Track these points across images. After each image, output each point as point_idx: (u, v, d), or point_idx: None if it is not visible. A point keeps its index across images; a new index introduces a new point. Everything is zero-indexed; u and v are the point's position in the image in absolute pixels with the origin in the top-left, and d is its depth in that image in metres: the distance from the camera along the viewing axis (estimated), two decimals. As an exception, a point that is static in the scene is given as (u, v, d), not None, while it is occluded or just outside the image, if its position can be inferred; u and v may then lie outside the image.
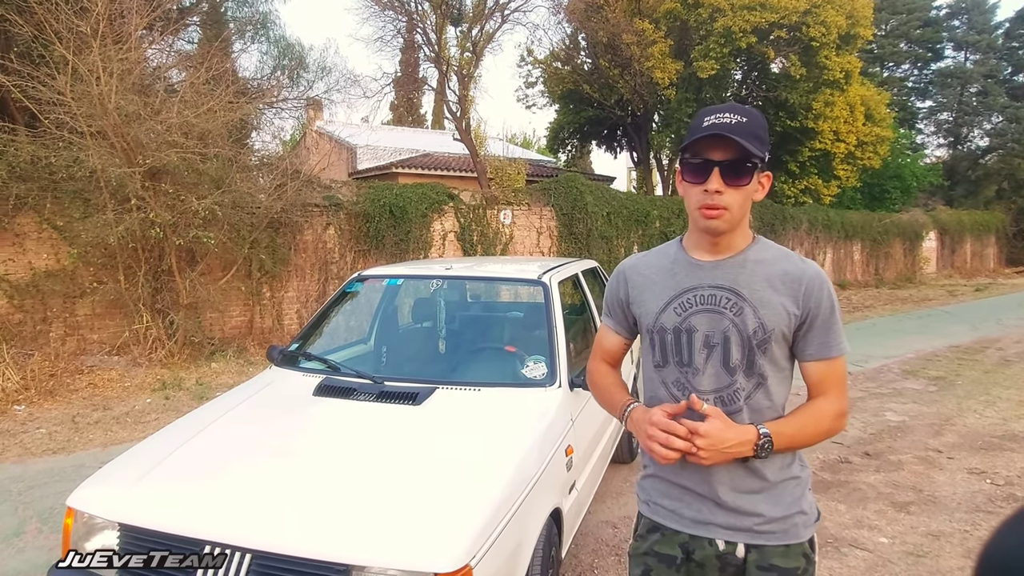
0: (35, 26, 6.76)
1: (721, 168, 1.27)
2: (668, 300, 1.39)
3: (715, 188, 1.27)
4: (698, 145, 1.29)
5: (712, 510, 1.35)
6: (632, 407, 1.43)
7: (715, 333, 1.34)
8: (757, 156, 1.27)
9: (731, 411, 1.32)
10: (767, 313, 1.31)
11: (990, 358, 8.05)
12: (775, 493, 1.34)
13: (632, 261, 1.53)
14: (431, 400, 2.44)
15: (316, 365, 2.90)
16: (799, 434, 1.31)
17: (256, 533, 1.75)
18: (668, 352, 1.39)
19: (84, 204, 6.96)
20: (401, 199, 9.72)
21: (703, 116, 1.31)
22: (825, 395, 1.34)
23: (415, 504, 1.82)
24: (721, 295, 1.34)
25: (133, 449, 2.31)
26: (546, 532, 2.14)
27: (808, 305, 1.31)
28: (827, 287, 1.32)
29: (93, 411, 5.60)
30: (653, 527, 1.45)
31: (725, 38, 13.66)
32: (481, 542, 1.74)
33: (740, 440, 1.25)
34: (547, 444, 2.30)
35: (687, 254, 1.41)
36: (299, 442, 2.25)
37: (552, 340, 2.76)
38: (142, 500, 1.95)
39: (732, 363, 1.33)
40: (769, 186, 1.37)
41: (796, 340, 1.34)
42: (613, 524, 3.46)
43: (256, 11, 12.43)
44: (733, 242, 1.36)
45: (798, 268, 1.33)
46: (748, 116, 1.29)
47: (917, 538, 3.27)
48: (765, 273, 1.33)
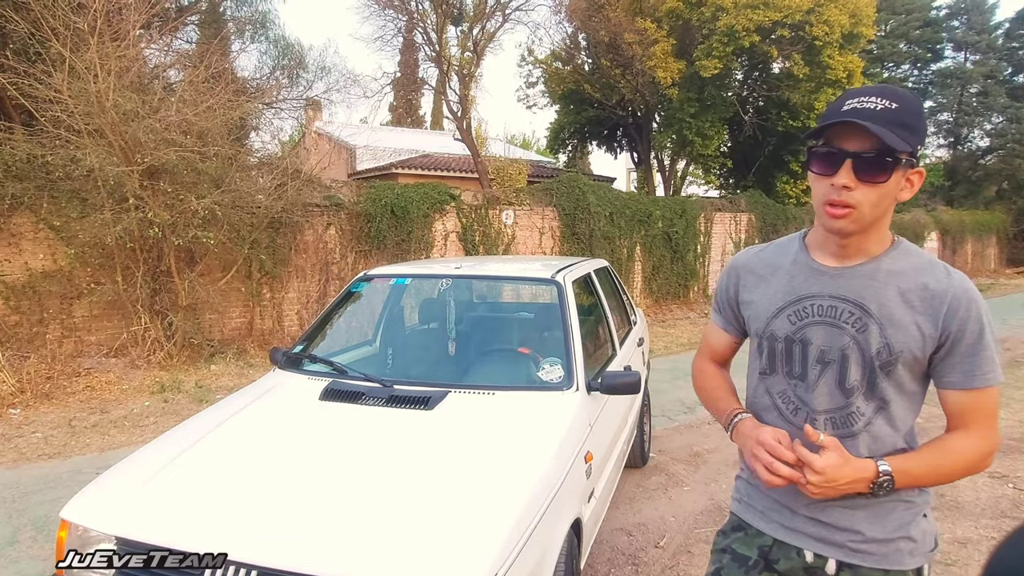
0: (32, 23, 6.64)
1: (854, 160, 1.09)
2: (782, 306, 1.25)
3: (843, 183, 1.10)
4: (831, 132, 1.12)
5: (805, 519, 1.23)
6: (739, 419, 1.30)
7: (831, 349, 1.19)
8: (902, 150, 1.08)
9: (845, 435, 1.18)
10: (896, 333, 1.14)
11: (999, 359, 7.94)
12: (879, 512, 1.20)
13: (746, 256, 1.40)
14: (444, 404, 2.32)
15: (321, 368, 2.78)
16: (931, 473, 1.15)
17: (259, 548, 1.63)
18: (777, 361, 1.26)
19: (81, 203, 6.84)
20: (403, 199, 9.61)
21: (845, 98, 1.14)
22: (966, 429, 1.16)
23: (431, 518, 1.70)
24: (844, 308, 1.18)
25: (130, 457, 2.19)
26: (568, 544, 2.03)
27: (949, 327, 1.13)
28: (976, 306, 1.14)
29: (90, 414, 5.48)
30: (738, 525, 1.36)
31: (728, 37, 13.55)
32: (503, 559, 1.62)
33: (856, 477, 1.12)
34: (567, 451, 2.19)
35: (809, 255, 1.25)
36: (305, 450, 2.13)
37: (568, 341, 2.65)
38: (139, 512, 1.84)
39: (849, 383, 1.18)
40: (920, 184, 1.16)
41: (934, 364, 1.17)
42: (628, 531, 3.35)
43: (255, 10, 12.32)
44: (865, 246, 1.18)
45: (941, 283, 1.14)
46: (899, 101, 1.10)
47: (944, 545, 3.16)
48: (900, 286, 1.16)
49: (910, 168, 1.13)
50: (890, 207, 1.16)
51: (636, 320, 4.31)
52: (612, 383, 2.53)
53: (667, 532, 3.34)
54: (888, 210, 1.16)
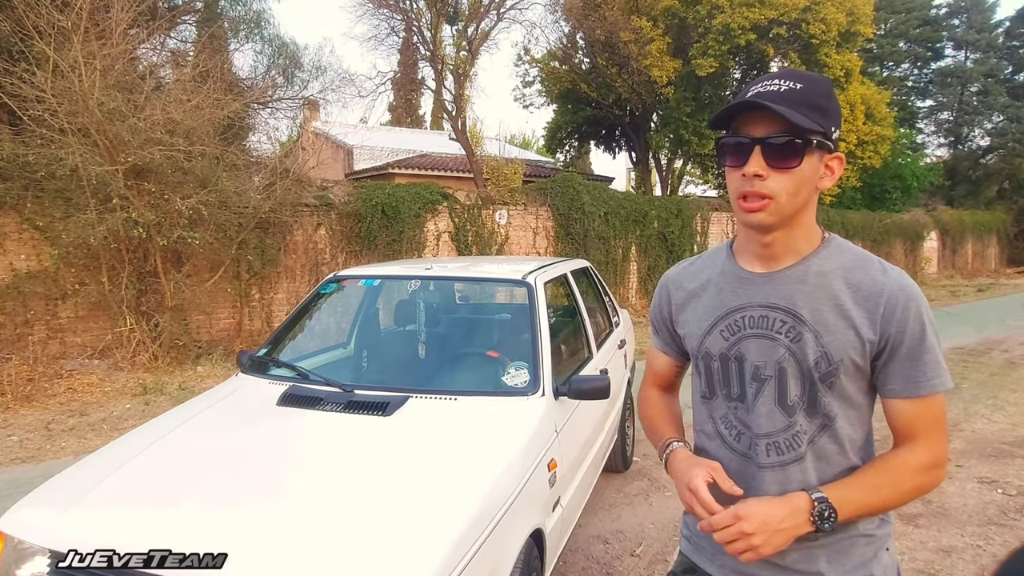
0: (15, 21, 6.58)
1: (763, 147, 1.01)
2: (713, 321, 1.16)
3: (754, 171, 1.01)
4: (738, 121, 1.04)
5: (759, 562, 1.08)
6: (672, 448, 1.20)
7: (767, 364, 1.09)
8: (812, 129, 0.99)
9: (790, 460, 1.08)
10: (833, 340, 1.04)
11: (995, 360, 7.86)
12: (839, 550, 1.09)
13: (675, 272, 1.30)
14: (402, 410, 2.25)
15: (285, 372, 2.71)
16: (871, 498, 1.04)
17: (202, 559, 1.56)
18: (716, 382, 1.16)
19: (65, 203, 6.78)
20: (393, 199, 9.53)
21: (750, 86, 1.05)
22: (913, 442, 1.05)
23: (375, 528, 1.63)
24: (775, 317, 1.08)
25: (76, 464, 2.11)
26: (525, 555, 1.95)
27: (888, 329, 1.02)
28: (916, 304, 1.03)
29: (69, 417, 5.41)
30: (690, 567, 1.25)
31: (724, 35, 13.47)
32: (449, 569, 1.55)
33: (790, 510, 1.00)
34: (528, 458, 2.11)
35: (736, 263, 1.16)
36: (256, 457, 2.06)
37: (536, 345, 2.57)
38: (77, 525, 1.76)
39: (790, 400, 1.07)
40: (840, 172, 1.07)
41: (876, 371, 1.06)
42: (604, 539, 3.27)
43: (250, 9, 12.26)
44: (792, 244, 1.08)
45: (875, 281, 1.04)
46: (805, 82, 1.02)
47: (927, 554, 3.08)
48: (832, 288, 1.06)
49: (826, 153, 1.04)
50: (811, 197, 1.06)
51: (619, 321, 4.23)
52: (581, 388, 2.45)
53: (644, 540, 3.26)
54: (809, 201, 1.06)
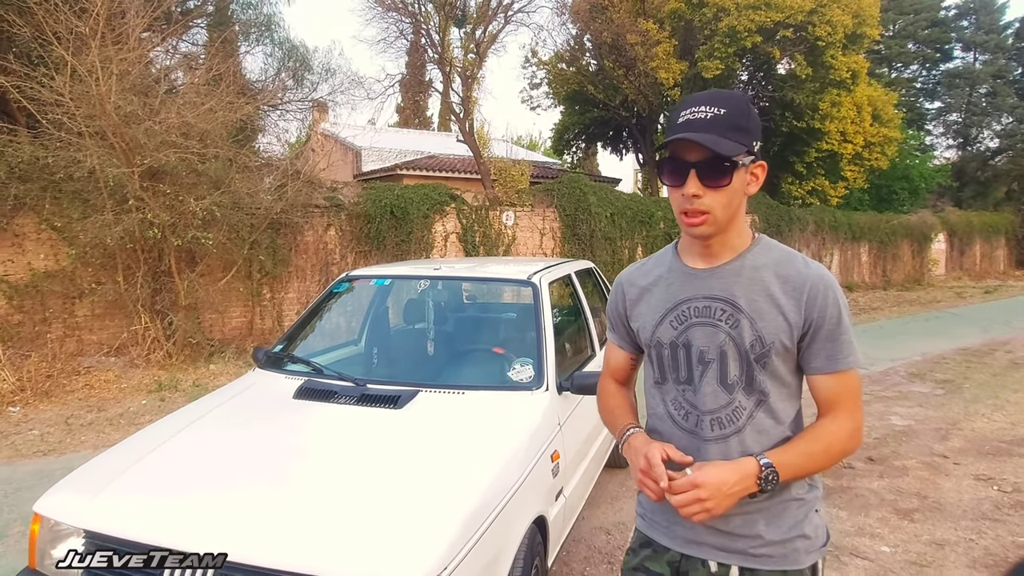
0: (35, 27, 6.75)
1: (698, 169, 1.17)
2: (664, 313, 1.31)
3: (692, 192, 1.18)
4: (674, 144, 1.20)
5: (706, 529, 1.26)
6: (631, 432, 1.33)
7: (711, 348, 1.25)
8: (737, 153, 1.16)
9: (731, 432, 1.23)
10: (766, 325, 1.21)
11: (999, 361, 7.90)
12: (775, 513, 1.24)
13: (628, 272, 1.45)
14: (413, 404, 2.36)
15: (300, 367, 2.83)
16: (807, 462, 1.20)
17: (222, 542, 1.68)
18: (666, 368, 1.31)
19: (83, 205, 6.95)
20: (402, 200, 9.67)
21: (680, 109, 1.21)
22: (834, 413, 1.22)
23: (386, 512, 1.75)
24: (716, 306, 1.24)
25: (105, 453, 2.24)
26: (528, 541, 2.06)
27: (811, 314, 1.19)
28: (833, 292, 1.20)
29: (87, 412, 5.57)
30: (645, 541, 1.39)
31: (730, 38, 13.55)
32: (455, 552, 1.66)
33: (741, 475, 1.15)
34: (531, 449, 2.22)
35: (681, 261, 1.32)
36: (274, 447, 2.18)
37: (540, 342, 2.68)
38: (108, 507, 1.88)
39: (730, 380, 1.23)
40: (764, 176, 1.25)
41: (801, 352, 1.23)
42: (607, 530, 3.38)
43: (260, 12, 12.43)
44: (729, 242, 1.26)
45: (800, 273, 1.22)
46: (727, 105, 1.18)
47: (920, 547, 3.17)
48: (764, 280, 1.23)
49: (752, 164, 1.22)
50: (741, 204, 1.23)
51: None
52: (583, 383, 2.55)
53: (646, 531, 3.36)
54: (740, 207, 1.24)
